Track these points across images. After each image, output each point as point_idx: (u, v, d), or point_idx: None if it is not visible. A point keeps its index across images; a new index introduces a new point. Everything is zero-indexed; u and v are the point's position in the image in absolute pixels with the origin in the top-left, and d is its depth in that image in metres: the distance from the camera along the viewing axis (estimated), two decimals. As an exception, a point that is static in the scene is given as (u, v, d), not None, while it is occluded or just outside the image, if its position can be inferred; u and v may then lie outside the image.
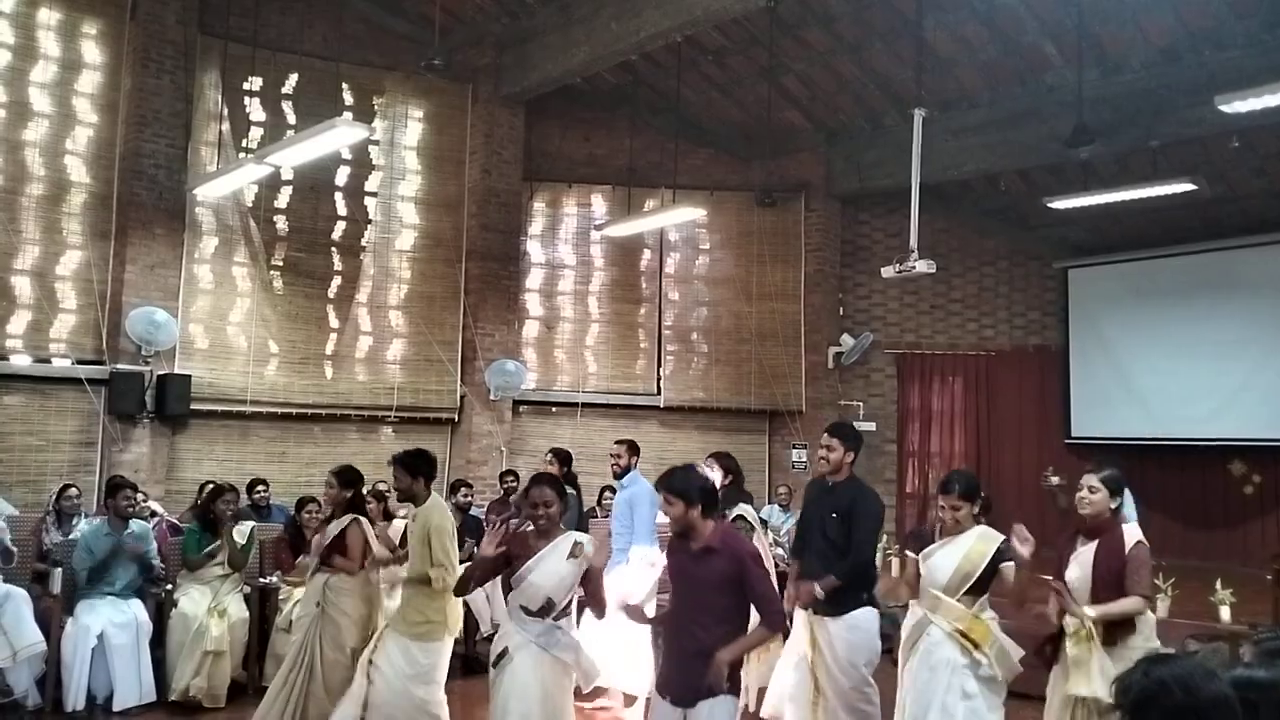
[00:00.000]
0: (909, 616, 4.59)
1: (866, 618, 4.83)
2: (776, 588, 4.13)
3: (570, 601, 4.18)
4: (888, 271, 8.33)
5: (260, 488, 8.39)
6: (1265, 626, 2.99)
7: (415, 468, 4.97)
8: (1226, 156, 9.31)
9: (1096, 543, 4.23)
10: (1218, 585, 6.65)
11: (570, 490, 7.32)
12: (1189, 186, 8.51)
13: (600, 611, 4.22)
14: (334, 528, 5.37)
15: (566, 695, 4.14)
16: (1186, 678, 1.85)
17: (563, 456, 7.29)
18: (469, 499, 8.03)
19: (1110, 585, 4.12)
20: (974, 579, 4.31)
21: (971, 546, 4.35)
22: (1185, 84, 8.46)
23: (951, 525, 4.42)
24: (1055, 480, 7.53)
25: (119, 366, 8.73)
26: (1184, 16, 8.26)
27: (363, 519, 5.47)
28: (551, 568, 4.07)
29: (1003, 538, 4.33)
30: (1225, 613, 6.58)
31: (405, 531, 5.42)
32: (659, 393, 11.48)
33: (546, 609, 4.05)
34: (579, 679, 4.20)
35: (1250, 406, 10.20)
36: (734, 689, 3.80)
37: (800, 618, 4.99)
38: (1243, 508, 10.57)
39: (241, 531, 6.56)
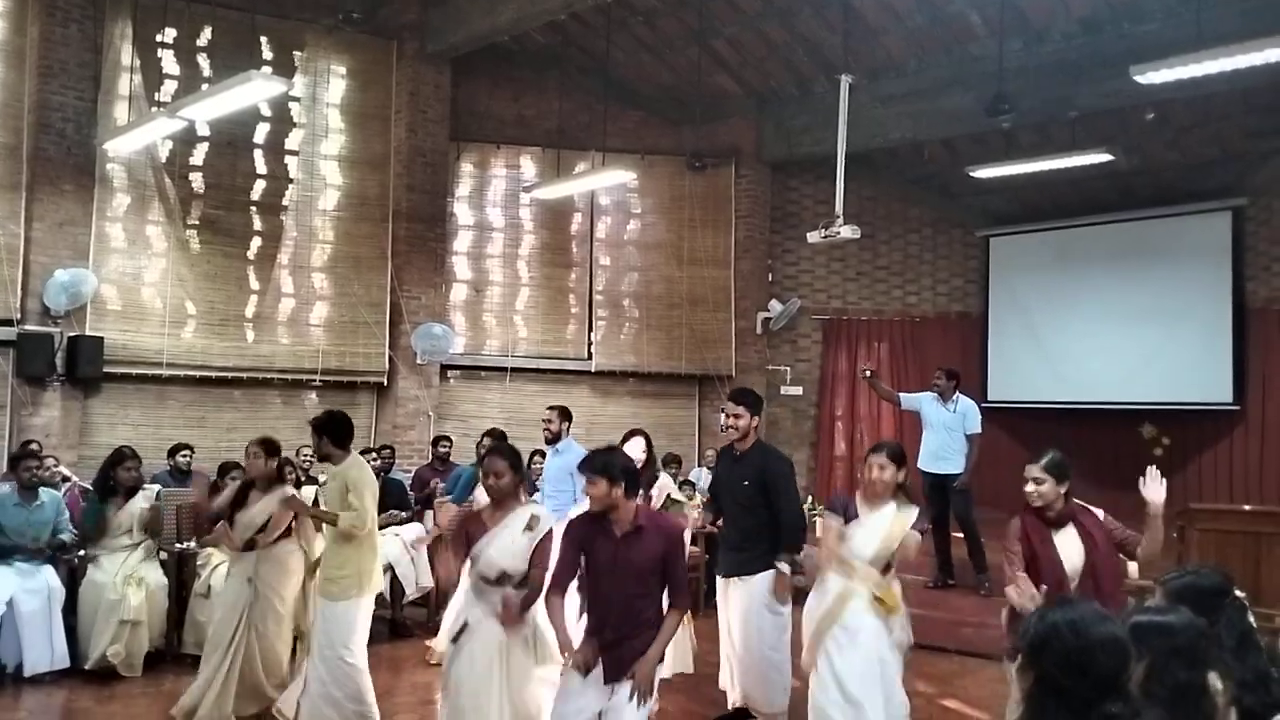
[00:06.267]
0: (829, 584, 4.50)
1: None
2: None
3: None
4: (813, 236, 8.41)
5: (184, 452, 8.22)
6: (1173, 569, 3.12)
7: (335, 432, 4.98)
8: (1142, 128, 9.55)
9: (1072, 530, 4.14)
10: (1125, 542, 6.90)
11: None
12: (1105, 157, 8.72)
13: (534, 587, 4.15)
14: (266, 503, 5.30)
15: (526, 673, 4.11)
16: (1077, 621, 1.96)
17: (497, 437, 7.03)
18: (390, 461, 7.95)
19: (1107, 562, 4.15)
20: (889, 556, 4.51)
21: (891, 528, 4.47)
22: (1104, 55, 8.62)
23: (875, 485, 4.48)
24: (868, 372, 8.79)
25: (27, 327, 8.42)
26: (1105, -12, 8.45)
27: (290, 489, 5.47)
28: (505, 541, 4.13)
29: (915, 513, 4.53)
30: (1133, 568, 6.81)
31: (316, 495, 5.54)
32: (590, 358, 11.46)
33: (503, 579, 4.12)
34: (537, 650, 4.17)
35: (1161, 371, 10.55)
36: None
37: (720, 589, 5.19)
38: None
39: (147, 495, 6.40)
